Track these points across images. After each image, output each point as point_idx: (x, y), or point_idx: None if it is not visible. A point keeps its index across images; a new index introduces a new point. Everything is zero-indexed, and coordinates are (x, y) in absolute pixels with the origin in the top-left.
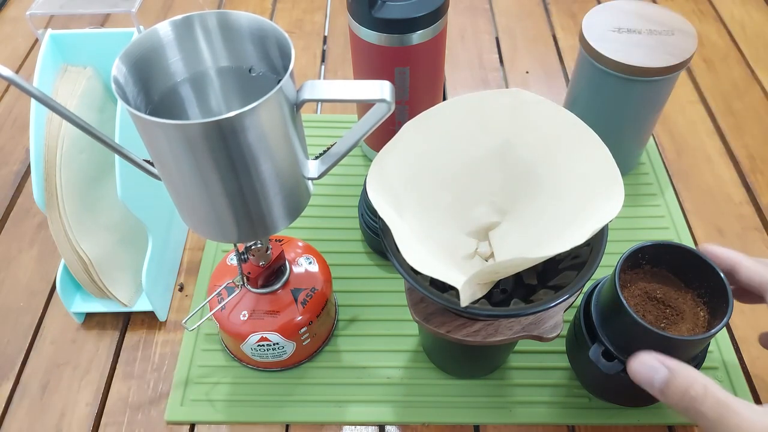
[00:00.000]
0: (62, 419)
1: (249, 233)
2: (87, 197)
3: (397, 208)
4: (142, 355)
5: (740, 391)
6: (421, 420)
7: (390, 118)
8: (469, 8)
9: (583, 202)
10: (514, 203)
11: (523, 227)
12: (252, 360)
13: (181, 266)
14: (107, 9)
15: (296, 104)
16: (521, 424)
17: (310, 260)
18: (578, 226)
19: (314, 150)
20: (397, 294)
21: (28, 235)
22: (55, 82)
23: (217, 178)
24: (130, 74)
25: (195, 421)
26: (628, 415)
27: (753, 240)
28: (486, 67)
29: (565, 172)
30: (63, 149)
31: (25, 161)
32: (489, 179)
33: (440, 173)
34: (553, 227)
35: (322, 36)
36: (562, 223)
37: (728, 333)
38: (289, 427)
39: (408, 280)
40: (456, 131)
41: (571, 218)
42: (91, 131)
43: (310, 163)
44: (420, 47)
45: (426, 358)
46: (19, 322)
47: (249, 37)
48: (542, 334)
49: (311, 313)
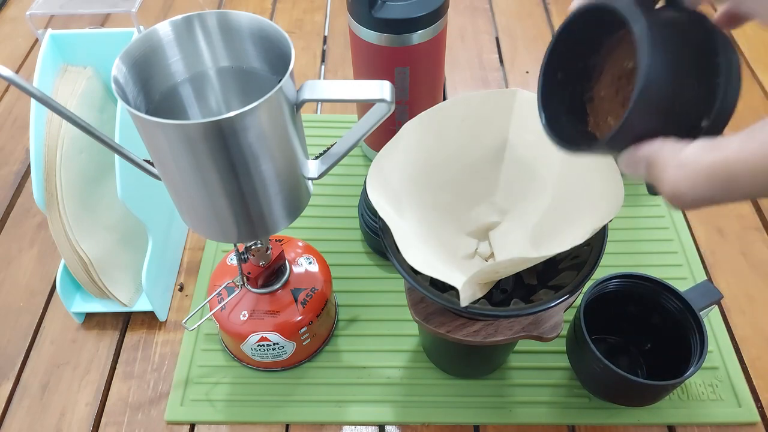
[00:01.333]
0: (62, 419)
1: (249, 233)
2: (87, 197)
3: (397, 208)
4: (142, 355)
5: (740, 390)
6: (421, 420)
7: (390, 118)
8: (469, 8)
9: (582, 202)
10: (514, 203)
11: (523, 227)
12: (252, 360)
13: (181, 266)
14: (107, 9)
15: (296, 104)
16: (521, 424)
17: (310, 260)
18: (578, 226)
19: (314, 150)
20: (397, 294)
21: (28, 235)
22: (55, 82)
23: (217, 178)
24: (130, 74)
25: (195, 421)
26: (628, 415)
27: (753, 240)
28: (486, 67)
29: (565, 172)
30: (63, 149)
31: (25, 161)
32: (489, 179)
33: (440, 173)
34: (553, 227)
35: (322, 36)
36: (562, 222)
37: (728, 333)
38: (289, 427)
39: (408, 280)
40: (456, 131)
41: (571, 218)
42: (91, 131)
43: (310, 163)
44: (420, 47)
45: (426, 358)
46: (19, 322)
47: (249, 37)
48: (542, 334)
49: (311, 313)
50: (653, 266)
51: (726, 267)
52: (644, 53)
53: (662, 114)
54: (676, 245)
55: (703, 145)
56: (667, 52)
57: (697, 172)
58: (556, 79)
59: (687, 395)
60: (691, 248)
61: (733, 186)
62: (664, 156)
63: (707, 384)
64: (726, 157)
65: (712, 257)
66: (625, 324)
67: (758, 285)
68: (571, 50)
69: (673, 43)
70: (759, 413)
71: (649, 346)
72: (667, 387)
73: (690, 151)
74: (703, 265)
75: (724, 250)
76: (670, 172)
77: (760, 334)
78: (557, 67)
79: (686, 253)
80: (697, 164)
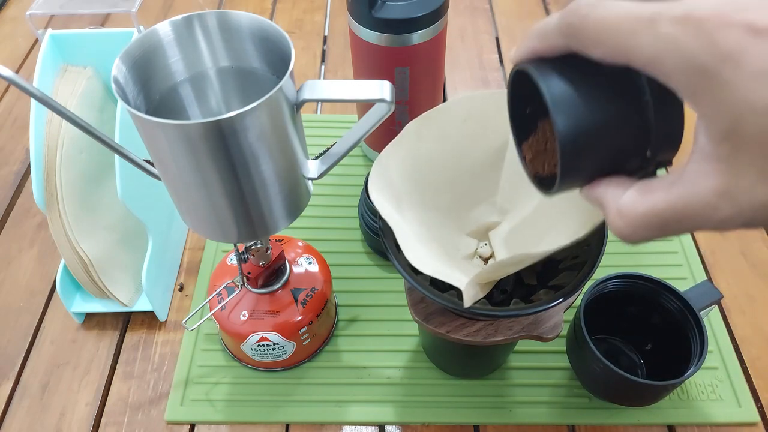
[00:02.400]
0: (62, 419)
1: (249, 233)
2: (87, 197)
3: (398, 208)
4: (142, 355)
5: (740, 390)
6: (421, 420)
7: (390, 118)
8: (469, 8)
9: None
10: (515, 203)
11: (524, 227)
12: (252, 360)
13: (181, 266)
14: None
15: (296, 104)
16: (521, 424)
17: (310, 260)
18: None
19: (314, 150)
20: (397, 294)
21: (28, 235)
22: (55, 82)
23: (217, 178)
24: (130, 74)
25: (195, 421)
26: (628, 415)
27: (753, 240)
28: (486, 67)
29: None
30: (63, 149)
31: (25, 161)
32: (490, 180)
33: (442, 173)
34: (553, 227)
35: (322, 36)
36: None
37: (728, 333)
38: (289, 427)
39: (408, 280)
40: (457, 132)
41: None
42: (91, 131)
43: (310, 163)
44: (420, 47)
45: (426, 358)
46: (19, 322)
47: (249, 37)
48: (542, 334)
49: (311, 313)
50: (653, 266)
51: (726, 267)
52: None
53: (597, 157)
54: (676, 245)
55: (638, 190)
56: (579, 94)
57: (635, 220)
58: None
59: (687, 395)
60: (691, 248)
61: (669, 230)
62: (607, 201)
63: (707, 384)
64: (654, 206)
65: (712, 257)
66: (625, 324)
67: (758, 285)
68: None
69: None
70: (759, 413)
71: (649, 346)
72: (667, 387)
73: (626, 200)
74: (703, 265)
75: (724, 250)
76: (611, 218)
77: (760, 334)
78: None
79: (686, 253)
80: (633, 213)
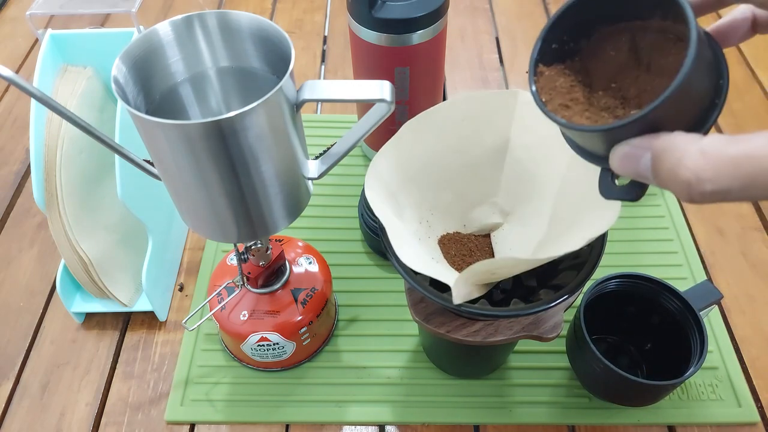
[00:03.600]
0: (62, 419)
1: (249, 233)
2: (87, 197)
3: (395, 208)
4: (142, 355)
5: (740, 390)
6: (421, 420)
7: (390, 118)
8: (469, 8)
9: (581, 207)
10: (516, 205)
11: (524, 229)
12: (252, 360)
13: (181, 266)
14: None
15: (296, 104)
16: (521, 424)
17: (310, 260)
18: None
19: (314, 150)
20: (397, 294)
21: (28, 235)
22: (55, 82)
23: (217, 178)
24: (130, 74)
25: (195, 421)
26: (628, 415)
27: (753, 240)
28: (486, 67)
29: (565, 174)
30: (63, 149)
31: (25, 161)
32: (490, 179)
33: (441, 172)
34: (552, 230)
35: (322, 36)
36: (561, 227)
37: (728, 333)
38: (289, 427)
39: (408, 280)
40: (455, 131)
41: (570, 222)
42: (91, 131)
43: (310, 163)
44: (420, 47)
45: (426, 358)
46: (19, 322)
47: (249, 37)
48: (542, 334)
49: (311, 313)
50: (653, 266)
51: (726, 267)
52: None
53: (684, 107)
54: (676, 245)
55: (723, 138)
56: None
57: (722, 160)
58: (551, 48)
59: (687, 395)
60: (691, 248)
61: (756, 182)
62: (680, 144)
63: (707, 384)
64: (752, 150)
65: (712, 257)
66: (625, 324)
67: (758, 285)
68: (569, 26)
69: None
70: (759, 413)
71: (649, 346)
72: (667, 387)
73: (711, 141)
74: (703, 265)
75: (724, 250)
76: (691, 158)
77: (760, 334)
78: (554, 37)
79: (686, 253)
80: (721, 153)
